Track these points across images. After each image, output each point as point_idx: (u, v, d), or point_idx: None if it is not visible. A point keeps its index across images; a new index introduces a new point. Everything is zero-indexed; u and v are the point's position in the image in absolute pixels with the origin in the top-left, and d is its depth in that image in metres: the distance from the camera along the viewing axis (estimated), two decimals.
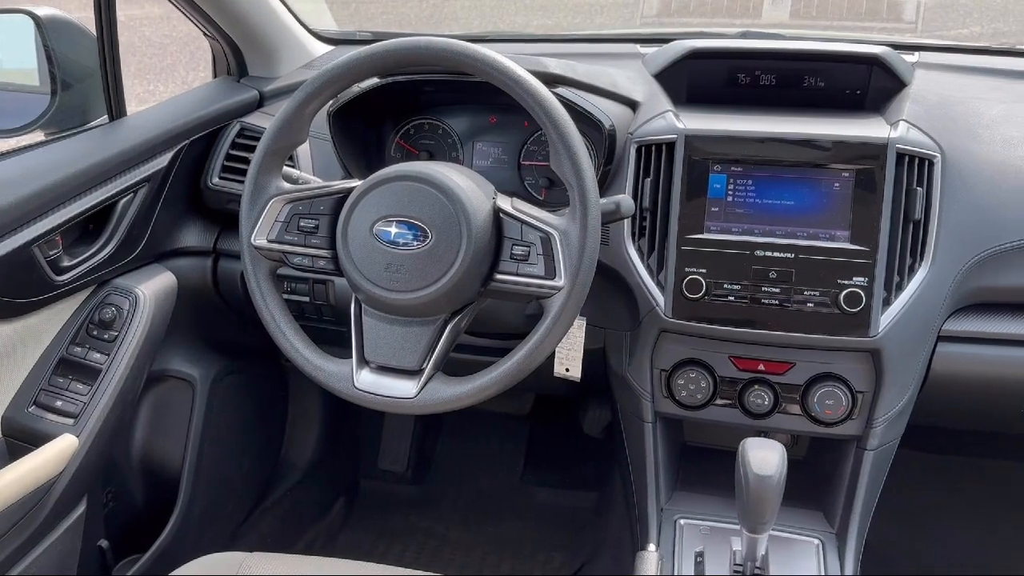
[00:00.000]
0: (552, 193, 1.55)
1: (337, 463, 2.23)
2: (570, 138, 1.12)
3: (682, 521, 1.42)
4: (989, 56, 1.66)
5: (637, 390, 1.43)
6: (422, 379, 1.15)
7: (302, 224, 1.21)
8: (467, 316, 1.20)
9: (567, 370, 1.47)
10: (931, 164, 1.29)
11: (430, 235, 1.12)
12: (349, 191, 1.18)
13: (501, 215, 1.16)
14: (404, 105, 1.59)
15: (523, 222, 1.15)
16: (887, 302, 1.28)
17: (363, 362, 1.18)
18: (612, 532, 1.80)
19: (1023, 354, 1.35)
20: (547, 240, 1.14)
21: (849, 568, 1.34)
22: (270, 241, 1.21)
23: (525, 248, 1.14)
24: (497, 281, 1.16)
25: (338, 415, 2.17)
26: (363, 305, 1.19)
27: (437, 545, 2.09)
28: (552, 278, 1.13)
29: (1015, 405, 1.41)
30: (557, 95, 1.35)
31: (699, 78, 1.53)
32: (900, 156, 1.28)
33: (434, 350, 1.16)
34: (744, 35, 1.72)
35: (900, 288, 1.28)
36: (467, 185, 1.15)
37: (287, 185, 1.24)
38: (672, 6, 1.83)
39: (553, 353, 1.45)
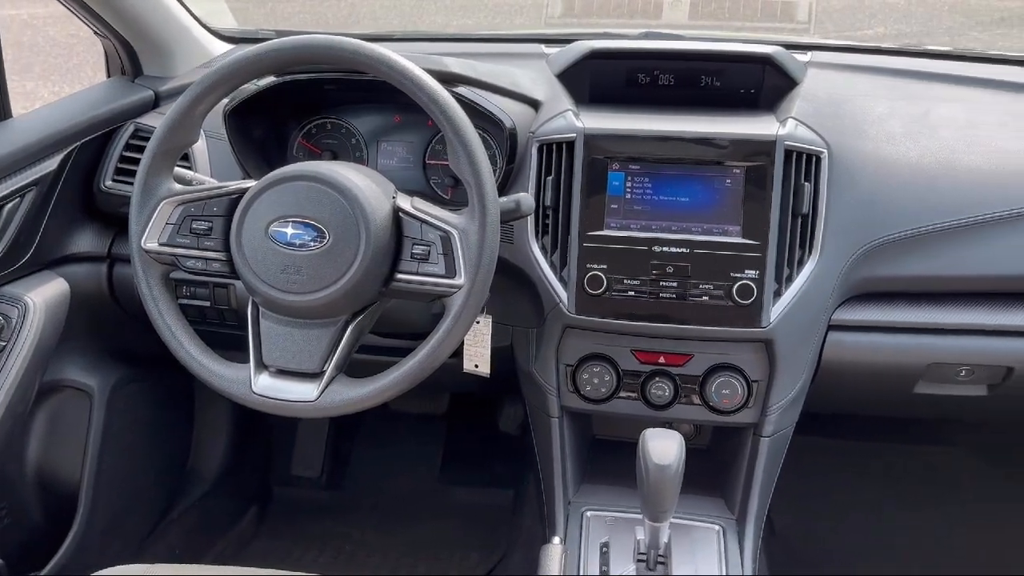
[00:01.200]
0: (459, 192, 1.55)
1: (248, 471, 2.19)
2: (467, 136, 1.13)
3: (589, 513, 1.44)
4: (879, 55, 1.73)
5: (543, 386, 1.45)
6: (323, 381, 1.14)
7: (195, 226, 1.18)
8: (369, 317, 1.20)
9: (476, 366, 1.47)
10: (818, 160, 1.34)
11: (328, 235, 1.12)
12: (243, 192, 1.16)
13: (401, 214, 1.16)
14: (307, 104, 1.57)
15: (423, 221, 1.15)
16: (778, 294, 1.32)
17: (261, 366, 1.16)
18: (526, 528, 1.82)
19: (908, 340, 1.42)
20: (447, 239, 1.14)
21: (748, 551, 1.39)
22: (161, 244, 1.19)
23: (425, 247, 1.15)
24: (398, 281, 1.16)
25: (248, 421, 2.12)
26: (260, 308, 1.17)
27: (352, 550, 2.07)
28: (452, 277, 1.13)
29: (902, 389, 1.48)
30: (457, 94, 1.37)
31: (601, 78, 1.55)
32: (788, 153, 1.32)
33: (335, 352, 1.15)
34: (646, 36, 1.76)
35: (790, 280, 1.33)
36: (365, 184, 1.14)
37: (179, 187, 1.21)
38: (576, 7, 1.86)
39: (462, 350, 1.46)
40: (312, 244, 1.11)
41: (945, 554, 1.99)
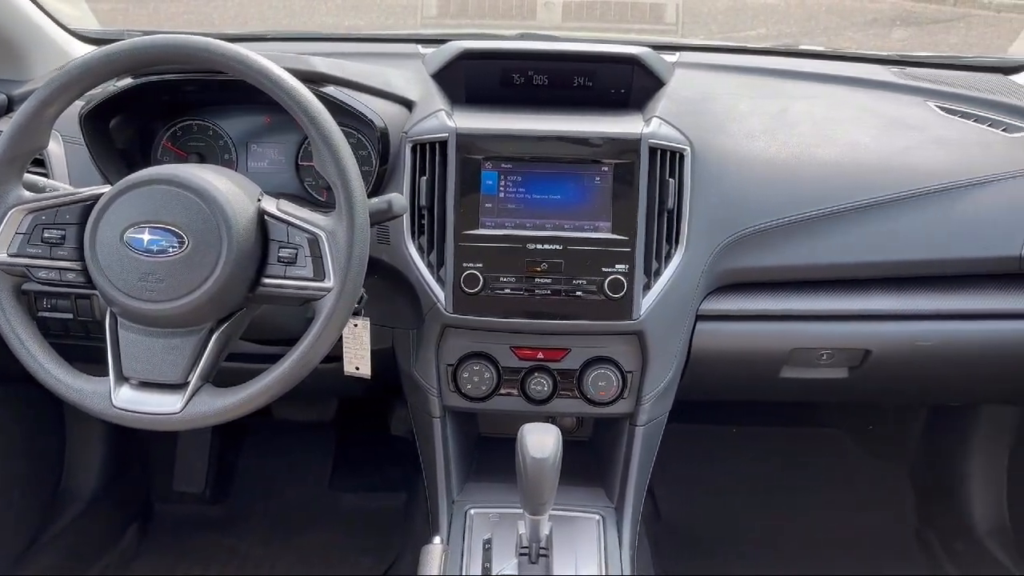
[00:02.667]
0: (334, 194, 1.53)
1: (126, 488, 2.10)
2: (331, 137, 1.11)
3: (473, 511, 1.45)
4: (744, 55, 1.80)
5: (424, 386, 1.44)
6: (187, 392, 1.11)
7: (47, 235, 1.13)
8: (236, 323, 1.17)
9: (357, 368, 1.46)
10: (681, 157, 1.39)
11: (187, 241, 1.08)
12: (97, 198, 1.12)
13: (266, 217, 1.14)
14: (172, 106, 1.52)
15: (289, 224, 1.13)
16: (647, 287, 1.36)
17: (121, 379, 1.12)
18: (418, 530, 1.81)
19: (772, 328, 1.48)
20: (315, 241, 1.13)
21: (627, 537, 1.42)
22: (10, 255, 1.13)
23: (292, 250, 1.13)
24: (265, 285, 1.14)
25: (125, 437, 2.04)
26: (118, 318, 1.12)
27: (240, 563, 2.02)
28: (321, 279, 1.12)
29: (769, 375, 1.55)
30: (325, 94, 1.35)
31: (476, 78, 1.56)
32: (653, 150, 1.36)
33: (200, 361, 1.12)
34: (522, 37, 1.78)
35: (658, 273, 1.37)
36: (227, 187, 1.12)
37: (29, 194, 1.15)
38: (451, 8, 1.86)
39: (341, 353, 1.45)
40: (171, 250, 1.08)
41: (819, 528, 2.09)
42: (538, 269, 1.35)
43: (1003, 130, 1.54)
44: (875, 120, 1.55)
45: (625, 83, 1.55)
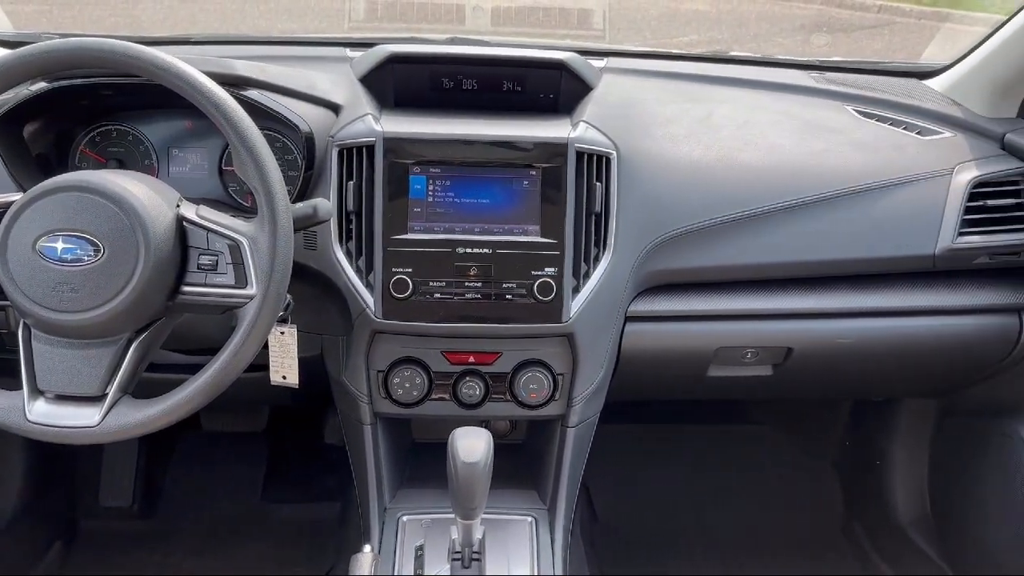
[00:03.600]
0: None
1: (49, 505, 2.03)
2: (251, 140, 1.10)
3: (405, 518, 1.44)
4: (669, 60, 1.83)
5: (354, 393, 1.43)
6: (105, 405, 1.08)
7: None
8: (156, 333, 1.15)
9: (284, 378, 1.43)
10: (608, 161, 1.40)
11: (103, 249, 1.06)
12: (8, 206, 1.08)
13: (185, 224, 1.12)
14: (91, 110, 1.48)
15: (209, 230, 1.11)
16: (576, 289, 1.37)
17: (36, 392, 1.09)
18: (352, 539, 1.79)
19: (698, 328, 1.51)
20: (236, 248, 1.11)
21: (559, 538, 1.43)
22: None
23: (213, 257, 1.11)
24: (185, 294, 1.12)
25: (47, 452, 1.97)
26: (32, 330, 1.09)
27: None
28: (243, 287, 1.10)
29: (696, 374, 1.58)
30: (247, 98, 1.33)
31: (405, 82, 1.55)
32: (580, 154, 1.38)
33: (118, 372, 1.09)
34: (452, 41, 1.77)
35: (587, 276, 1.38)
36: (144, 193, 1.09)
37: None
38: (379, 11, 1.85)
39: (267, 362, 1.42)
40: (86, 259, 1.05)
41: (751, 524, 2.14)
42: (468, 273, 1.35)
43: (917, 133, 1.60)
44: (795, 124, 1.59)
45: (554, 88, 1.56)
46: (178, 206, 1.13)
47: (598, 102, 1.51)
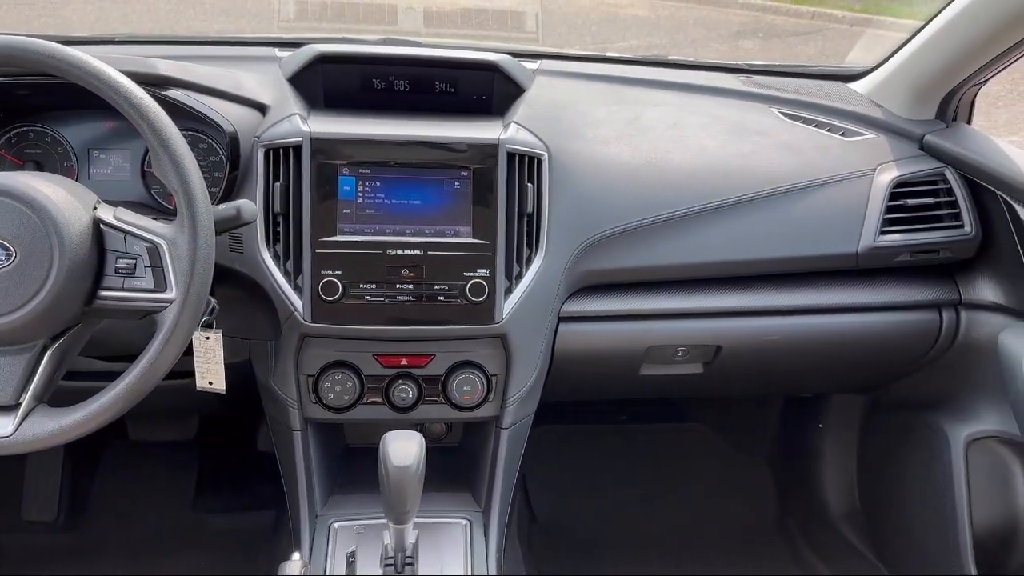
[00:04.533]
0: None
1: None
2: (170, 141, 1.07)
3: (336, 524, 1.42)
4: (601, 63, 1.85)
5: (283, 399, 1.41)
6: (19, 414, 1.04)
7: None
8: (73, 339, 1.11)
9: (210, 383, 1.40)
10: (539, 162, 1.41)
11: (14, 253, 1.02)
12: None
13: (103, 227, 1.09)
14: (8, 111, 1.43)
15: (127, 232, 1.08)
16: (509, 290, 1.37)
17: None
18: (285, 547, 1.76)
19: (630, 327, 1.52)
20: (155, 250, 1.08)
21: (493, 540, 1.43)
22: None
23: (131, 261, 1.08)
24: (102, 298, 1.08)
25: None
26: None
27: None
28: (163, 291, 1.08)
29: (629, 373, 1.59)
30: (167, 97, 1.30)
31: (335, 83, 1.53)
32: (511, 155, 1.38)
33: (32, 380, 1.06)
34: (385, 42, 1.76)
35: (520, 277, 1.38)
36: (58, 196, 1.05)
37: None
38: (309, 11, 1.83)
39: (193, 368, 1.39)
40: None
41: (687, 521, 2.16)
42: (399, 275, 1.34)
43: (841, 135, 1.64)
44: (722, 126, 1.61)
45: (486, 89, 1.56)
46: (95, 208, 1.09)
47: (530, 104, 1.52)
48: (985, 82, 1.61)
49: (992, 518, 1.61)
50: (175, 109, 1.31)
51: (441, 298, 1.35)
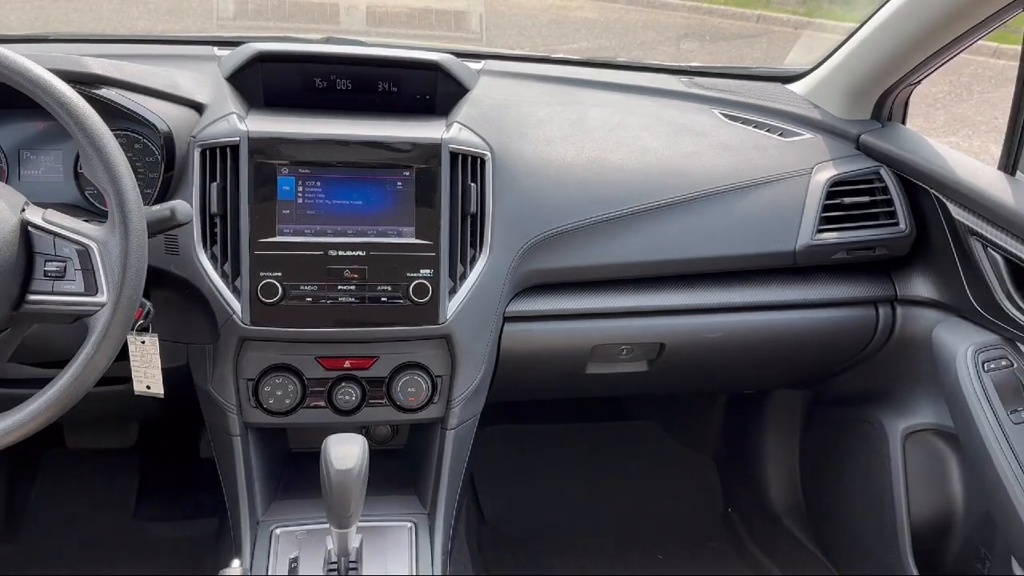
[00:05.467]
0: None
1: None
2: (99, 140, 1.04)
3: (278, 530, 1.40)
4: (546, 64, 1.85)
5: (222, 403, 1.38)
6: None
7: None
8: (1, 345, 1.07)
9: (148, 388, 1.37)
10: (483, 162, 1.40)
11: None
12: None
13: (30, 229, 1.05)
14: None
15: (56, 235, 1.05)
16: (453, 291, 1.37)
17: None
18: (227, 555, 1.73)
19: (575, 326, 1.53)
20: (85, 253, 1.05)
21: (439, 542, 1.42)
22: None
23: (60, 263, 1.05)
24: (31, 303, 1.05)
25: None
26: None
27: None
28: (94, 294, 1.05)
29: (575, 372, 1.59)
30: (99, 96, 1.27)
31: (275, 82, 1.51)
32: (454, 155, 1.37)
33: None
34: (327, 41, 1.74)
35: (464, 277, 1.38)
36: None
37: None
38: (249, 10, 1.80)
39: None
40: None
41: (637, 517, 2.18)
42: (341, 276, 1.32)
43: (779, 135, 1.67)
44: (664, 127, 1.63)
45: (430, 89, 1.55)
46: (23, 211, 1.06)
47: (474, 104, 1.52)
48: (918, 83, 1.66)
49: (928, 509, 1.65)
50: (107, 108, 1.28)
51: (384, 299, 1.34)
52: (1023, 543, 1.35)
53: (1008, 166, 1.47)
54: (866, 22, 1.60)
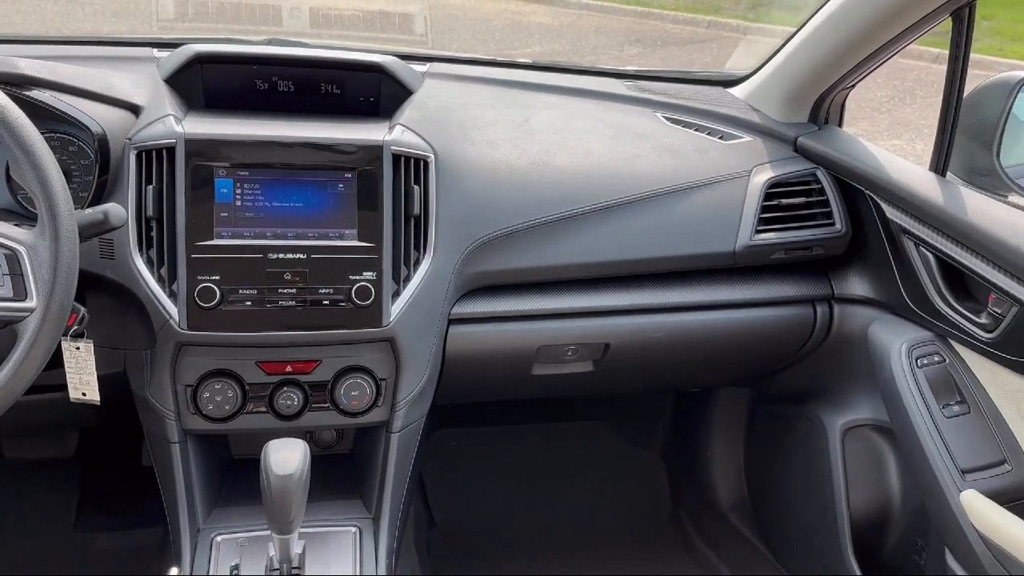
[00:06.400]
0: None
1: None
2: (27, 142, 1.02)
3: (219, 538, 1.38)
4: (492, 67, 1.86)
5: (160, 410, 1.36)
6: None
7: None
8: None
9: (84, 395, 1.34)
10: (426, 164, 1.40)
11: None
12: None
13: None
14: None
15: None
16: (397, 293, 1.36)
17: None
18: (170, 564, 1.70)
19: (520, 327, 1.54)
20: (13, 258, 1.03)
21: (383, 546, 1.41)
22: None
23: None
24: None
25: None
26: None
27: None
28: (23, 299, 1.03)
29: (521, 373, 1.60)
30: (31, 98, 1.24)
31: (215, 84, 1.49)
32: (397, 157, 1.37)
33: None
34: (270, 42, 1.72)
35: (408, 279, 1.38)
36: None
37: None
38: (189, 11, 1.78)
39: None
40: None
41: (586, 517, 2.20)
42: (282, 279, 1.31)
43: (719, 138, 1.70)
44: (608, 130, 1.65)
45: (373, 91, 1.54)
46: None
47: (417, 106, 1.51)
48: (853, 86, 1.70)
49: (867, 502, 1.69)
50: (38, 110, 1.25)
51: (326, 302, 1.33)
52: (956, 534, 1.38)
53: (938, 167, 1.51)
54: (801, 28, 1.64)
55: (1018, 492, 1.36)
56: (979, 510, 1.34)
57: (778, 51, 1.73)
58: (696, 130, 1.71)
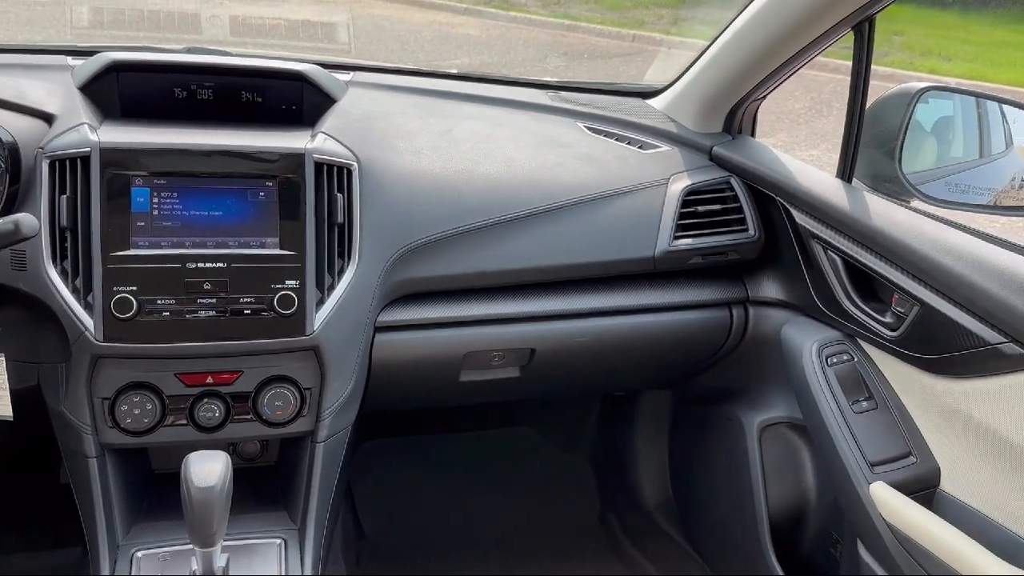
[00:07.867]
0: None
1: None
2: None
3: (139, 553, 1.35)
4: (416, 77, 1.87)
5: (76, 424, 1.32)
6: None
7: None
8: None
9: None
10: (349, 172, 1.41)
11: None
12: None
13: None
14: None
15: None
16: (321, 302, 1.36)
17: None
18: None
19: (446, 334, 1.55)
20: None
21: (309, 557, 1.40)
22: None
23: None
24: None
25: None
26: None
27: None
28: None
29: (449, 380, 1.61)
30: None
31: (132, 92, 1.47)
32: (319, 165, 1.37)
33: None
34: (190, 51, 1.70)
35: (332, 288, 1.37)
36: None
37: None
38: (105, 18, 1.74)
39: None
40: None
41: (517, 523, 2.21)
42: (201, 289, 1.30)
43: (638, 147, 1.75)
44: (531, 139, 1.68)
45: (296, 99, 1.54)
46: None
47: (340, 114, 1.52)
48: (763, 98, 1.77)
49: (785, 498, 1.75)
50: None
51: (248, 312, 1.32)
52: (866, 525, 1.44)
53: (845, 174, 1.58)
54: (713, 42, 1.70)
55: (923, 483, 1.42)
56: (887, 501, 1.40)
57: (692, 64, 1.79)
58: (616, 140, 1.75)
